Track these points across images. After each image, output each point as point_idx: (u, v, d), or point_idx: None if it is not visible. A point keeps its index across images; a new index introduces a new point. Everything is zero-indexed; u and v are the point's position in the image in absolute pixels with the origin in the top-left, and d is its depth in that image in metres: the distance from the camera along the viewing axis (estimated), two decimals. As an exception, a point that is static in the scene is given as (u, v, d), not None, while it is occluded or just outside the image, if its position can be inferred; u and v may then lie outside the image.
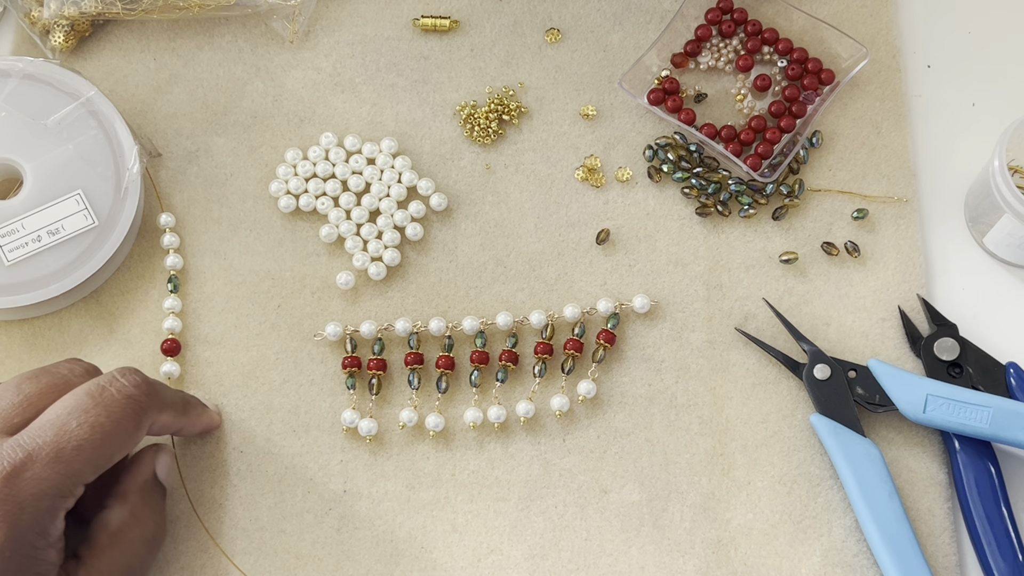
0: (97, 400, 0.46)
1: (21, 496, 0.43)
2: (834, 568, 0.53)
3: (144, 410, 0.47)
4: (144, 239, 0.60)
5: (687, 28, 0.63)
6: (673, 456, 0.56)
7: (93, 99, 0.59)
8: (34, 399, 0.47)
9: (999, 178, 0.55)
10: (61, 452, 0.44)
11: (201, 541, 0.54)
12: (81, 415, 0.45)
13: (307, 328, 0.58)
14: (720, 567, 0.54)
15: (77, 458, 0.44)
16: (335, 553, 0.54)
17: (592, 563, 0.54)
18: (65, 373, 0.48)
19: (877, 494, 0.52)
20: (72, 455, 0.44)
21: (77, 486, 0.45)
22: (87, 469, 0.45)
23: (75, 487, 0.45)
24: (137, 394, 0.47)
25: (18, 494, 0.43)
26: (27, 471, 0.43)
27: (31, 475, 0.43)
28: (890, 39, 0.64)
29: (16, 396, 0.47)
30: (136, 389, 0.47)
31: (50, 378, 0.48)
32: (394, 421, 0.56)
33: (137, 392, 0.47)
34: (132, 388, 0.47)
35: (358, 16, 0.64)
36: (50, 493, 0.44)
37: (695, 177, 0.60)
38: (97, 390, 0.46)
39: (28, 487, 0.43)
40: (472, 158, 0.62)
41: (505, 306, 0.59)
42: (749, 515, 0.55)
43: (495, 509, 0.55)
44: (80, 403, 0.46)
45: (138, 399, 0.47)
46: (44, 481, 0.44)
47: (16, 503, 0.43)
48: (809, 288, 0.59)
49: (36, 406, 0.46)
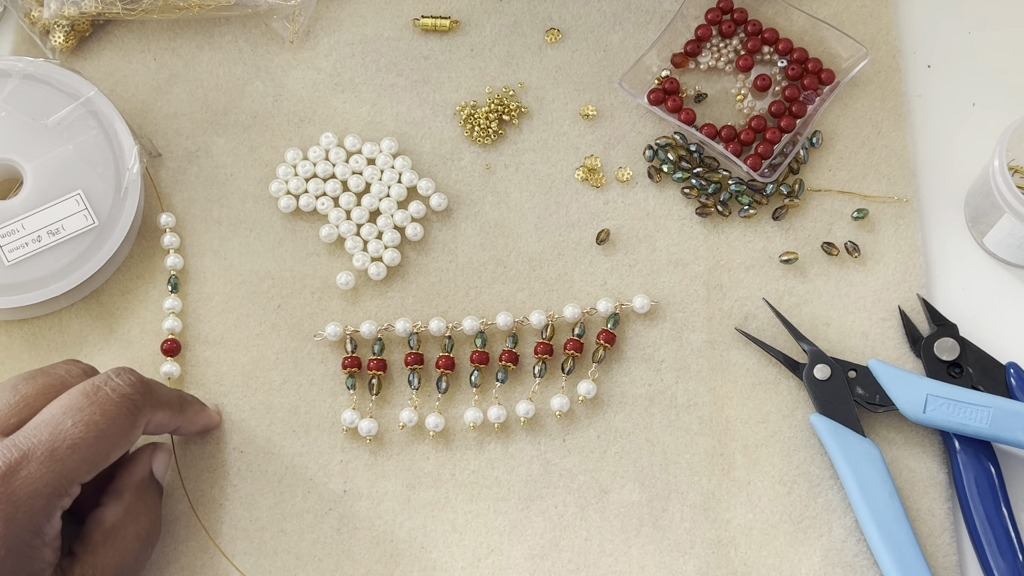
0: (92, 399, 0.46)
1: (16, 495, 0.43)
2: (834, 568, 0.53)
3: (139, 409, 0.47)
4: (144, 239, 0.60)
5: (687, 28, 0.63)
6: (673, 456, 0.56)
7: (93, 99, 0.59)
8: (31, 400, 0.47)
9: (999, 178, 0.55)
10: (56, 451, 0.44)
11: (201, 541, 0.54)
12: (76, 414, 0.45)
13: (307, 328, 0.58)
14: (720, 567, 0.54)
15: (72, 457, 0.44)
16: (335, 553, 0.54)
17: (592, 563, 0.54)
18: (62, 374, 0.48)
19: (877, 494, 0.52)
20: (67, 454, 0.44)
21: (72, 485, 0.45)
22: (82, 468, 0.45)
23: (70, 486, 0.45)
24: (132, 393, 0.47)
25: (13, 493, 0.43)
26: (22, 470, 0.43)
27: (26, 474, 0.44)
28: (890, 39, 0.64)
29: (13, 397, 0.47)
30: (131, 388, 0.47)
31: (47, 379, 0.48)
32: (394, 421, 0.56)
33: (132, 391, 0.47)
34: (127, 387, 0.47)
35: (358, 16, 0.64)
36: (45, 492, 0.44)
37: (695, 177, 0.60)
38: (92, 389, 0.46)
39: (23, 486, 0.43)
40: (472, 158, 0.62)
41: (505, 306, 0.59)
42: (749, 515, 0.55)
43: (495, 509, 0.55)
44: (75, 402, 0.46)
45: (133, 398, 0.47)
46: (39, 480, 0.44)
47: (11, 502, 0.43)
48: (809, 288, 0.59)
49: (32, 407, 0.46)
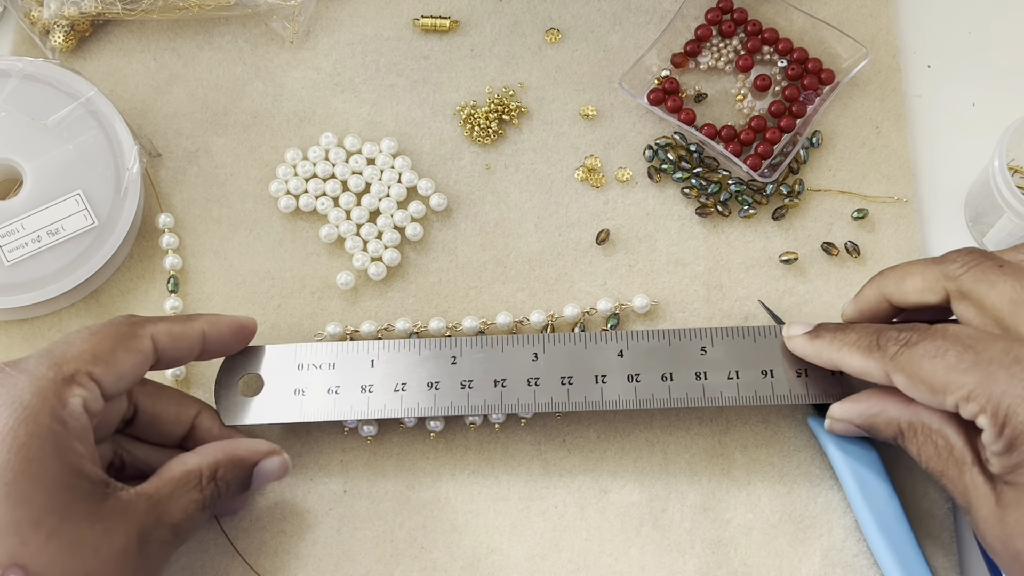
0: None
1: (14, 375, 0.45)
2: (834, 568, 0.53)
3: (136, 318, 0.49)
4: (144, 239, 0.60)
5: (687, 28, 0.63)
6: (673, 456, 0.56)
7: (93, 99, 0.59)
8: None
9: (999, 178, 0.55)
10: (55, 346, 0.46)
11: (201, 541, 0.54)
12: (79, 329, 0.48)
13: (307, 328, 0.58)
14: (720, 567, 0.54)
15: (72, 347, 0.46)
16: (335, 553, 0.54)
17: (592, 563, 0.54)
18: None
19: (877, 495, 0.52)
20: (65, 347, 0.46)
21: (78, 374, 0.45)
22: (85, 356, 0.46)
23: (75, 374, 0.45)
24: (127, 316, 0.50)
25: (13, 372, 0.45)
26: (22, 362, 0.45)
27: (25, 363, 0.45)
28: (890, 39, 0.64)
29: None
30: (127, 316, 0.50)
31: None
32: (394, 421, 0.56)
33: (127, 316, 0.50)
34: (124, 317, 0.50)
35: (358, 16, 0.64)
36: (48, 375, 0.45)
37: (695, 177, 0.61)
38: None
39: (25, 367, 0.45)
40: (472, 158, 0.62)
41: (505, 306, 0.59)
42: (749, 515, 0.55)
43: (495, 509, 0.55)
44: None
45: (125, 318, 0.49)
46: (39, 363, 0.45)
47: (15, 373, 0.45)
48: (809, 288, 0.59)
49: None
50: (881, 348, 0.47)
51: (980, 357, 0.44)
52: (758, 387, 0.52)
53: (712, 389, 0.52)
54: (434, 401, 0.53)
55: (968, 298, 0.47)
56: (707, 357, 0.53)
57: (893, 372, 0.46)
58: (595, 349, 0.53)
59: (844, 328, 0.50)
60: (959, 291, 0.47)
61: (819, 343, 0.51)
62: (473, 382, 0.53)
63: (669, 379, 0.53)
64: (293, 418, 0.53)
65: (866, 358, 0.48)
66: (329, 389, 0.53)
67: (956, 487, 0.47)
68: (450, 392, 0.53)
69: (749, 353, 0.53)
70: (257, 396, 0.53)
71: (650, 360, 0.53)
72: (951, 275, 0.47)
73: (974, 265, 0.47)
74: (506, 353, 0.54)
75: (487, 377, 0.53)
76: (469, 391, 0.53)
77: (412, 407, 0.53)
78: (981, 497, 0.45)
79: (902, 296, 0.50)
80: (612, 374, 0.53)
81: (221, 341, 0.52)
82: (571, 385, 0.53)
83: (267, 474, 0.51)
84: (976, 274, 0.46)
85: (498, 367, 0.53)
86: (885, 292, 0.51)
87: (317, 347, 0.54)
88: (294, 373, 0.53)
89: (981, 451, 0.46)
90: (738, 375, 0.53)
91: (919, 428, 0.48)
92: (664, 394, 0.52)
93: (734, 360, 0.53)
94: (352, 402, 0.53)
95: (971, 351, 0.44)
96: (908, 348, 0.46)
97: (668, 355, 0.53)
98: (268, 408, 0.53)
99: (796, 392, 0.52)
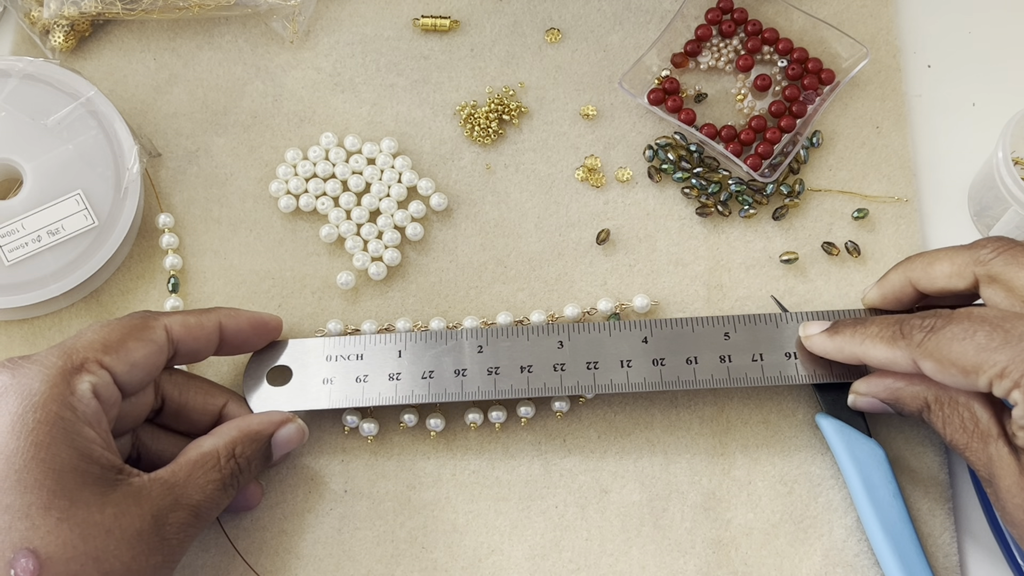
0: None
1: (23, 363, 0.45)
2: (835, 568, 0.53)
3: (150, 312, 0.50)
4: (144, 239, 0.60)
5: (687, 28, 0.63)
6: (673, 456, 0.56)
7: (93, 99, 0.59)
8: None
9: (1003, 169, 0.55)
10: (66, 340, 0.47)
11: (201, 541, 0.54)
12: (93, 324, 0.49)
13: (308, 328, 0.58)
14: (720, 567, 0.54)
15: (83, 337, 0.47)
16: (335, 553, 0.54)
17: (592, 563, 0.54)
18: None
19: (881, 494, 0.52)
20: (76, 339, 0.47)
21: (89, 362, 0.46)
22: (95, 344, 0.47)
23: (86, 361, 0.46)
24: (142, 311, 0.51)
25: (22, 362, 0.46)
26: (30, 355, 0.46)
27: (35, 355, 0.46)
28: (890, 39, 0.64)
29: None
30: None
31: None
32: (394, 421, 0.56)
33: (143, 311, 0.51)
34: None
35: (358, 16, 0.64)
36: (56, 364, 0.45)
37: (695, 177, 0.60)
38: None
39: (36, 358, 0.46)
40: (472, 158, 0.62)
41: (505, 306, 0.59)
42: (749, 515, 0.55)
43: (495, 509, 0.55)
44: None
45: (140, 312, 0.50)
46: (50, 354, 0.46)
47: (21, 361, 0.46)
48: (810, 288, 0.59)
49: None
50: (905, 336, 0.47)
51: (1010, 335, 0.44)
52: (783, 368, 0.53)
53: (737, 371, 0.53)
54: (461, 387, 0.53)
55: (997, 281, 0.47)
56: (731, 342, 0.54)
57: (921, 359, 0.47)
58: (619, 336, 0.54)
59: (863, 321, 0.50)
60: (988, 275, 0.47)
61: (839, 339, 0.51)
62: (500, 369, 0.53)
63: (694, 362, 0.53)
64: (322, 405, 0.53)
65: (891, 348, 0.48)
66: (357, 378, 0.54)
67: (979, 459, 0.47)
68: (477, 378, 0.53)
69: (773, 337, 0.54)
70: (285, 386, 0.54)
71: (674, 344, 0.54)
72: (981, 260, 0.48)
73: (1004, 250, 0.47)
74: (532, 342, 0.54)
75: (514, 364, 0.54)
76: (496, 377, 0.53)
77: (439, 392, 0.53)
78: (1005, 467, 0.46)
79: (929, 281, 0.50)
80: (637, 359, 0.53)
81: (240, 335, 0.53)
82: (597, 370, 0.53)
83: (285, 442, 0.52)
84: (1007, 258, 0.47)
85: (525, 354, 0.54)
86: (912, 277, 0.51)
87: (346, 340, 0.55)
88: (322, 364, 0.54)
89: (1007, 424, 0.46)
90: (762, 357, 0.53)
91: (946, 402, 0.48)
92: (690, 376, 0.53)
93: (759, 344, 0.54)
94: (380, 389, 0.53)
95: (1000, 329, 0.44)
96: (934, 333, 0.46)
97: (692, 340, 0.54)
98: (296, 396, 0.54)
99: (820, 372, 0.53)
